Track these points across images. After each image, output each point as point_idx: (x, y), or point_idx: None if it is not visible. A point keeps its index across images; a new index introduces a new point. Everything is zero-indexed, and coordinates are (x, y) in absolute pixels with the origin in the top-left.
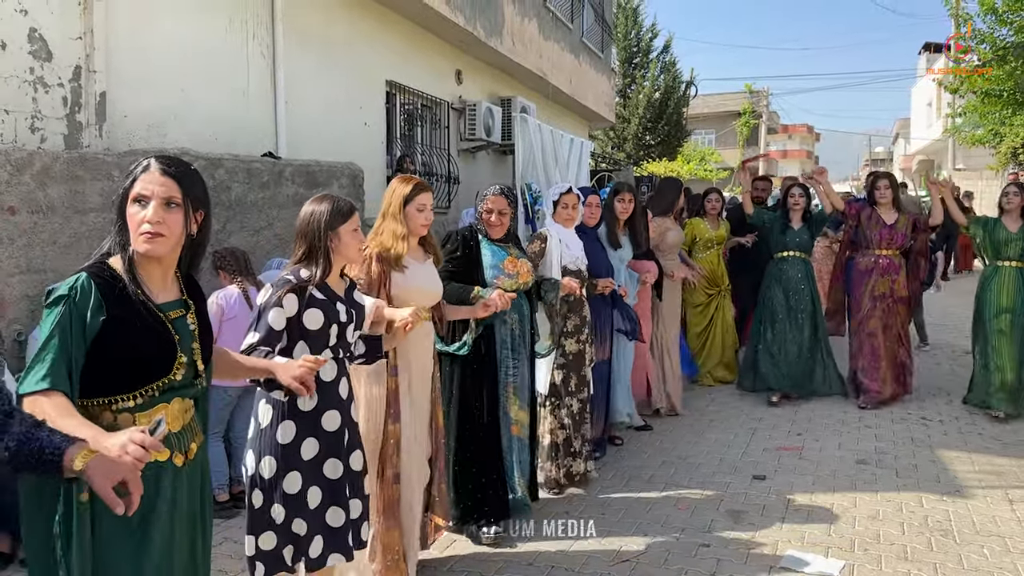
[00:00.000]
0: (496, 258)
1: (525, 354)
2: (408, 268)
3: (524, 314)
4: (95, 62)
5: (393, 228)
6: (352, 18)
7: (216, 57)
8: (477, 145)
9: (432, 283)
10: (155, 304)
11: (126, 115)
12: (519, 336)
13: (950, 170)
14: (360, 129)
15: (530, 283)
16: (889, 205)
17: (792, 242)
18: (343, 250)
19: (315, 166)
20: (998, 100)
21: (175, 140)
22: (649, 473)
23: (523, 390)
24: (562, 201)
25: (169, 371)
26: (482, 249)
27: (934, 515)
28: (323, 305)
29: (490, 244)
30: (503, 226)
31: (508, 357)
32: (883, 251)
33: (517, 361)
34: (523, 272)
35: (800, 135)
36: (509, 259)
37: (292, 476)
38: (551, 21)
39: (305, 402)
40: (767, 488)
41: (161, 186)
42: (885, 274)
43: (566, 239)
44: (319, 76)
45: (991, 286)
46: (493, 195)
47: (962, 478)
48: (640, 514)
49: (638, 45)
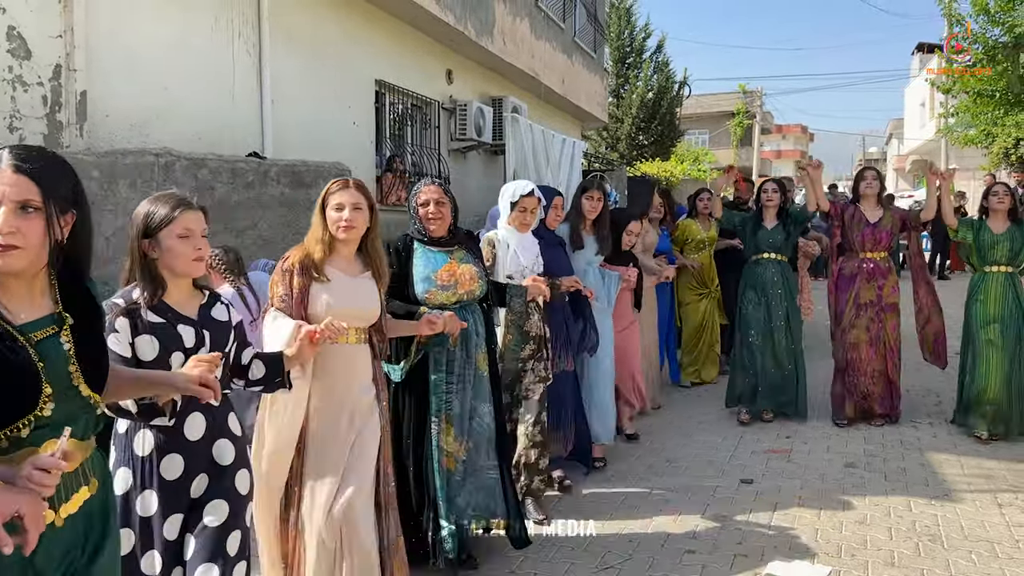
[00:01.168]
0: (430, 267)
1: (471, 378)
2: (332, 281)
3: (473, 330)
4: (75, 60)
5: (314, 232)
6: (340, 17)
7: (200, 56)
8: (468, 145)
9: (364, 301)
10: (13, 325)
11: (108, 114)
12: (463, 357)
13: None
14: (349, 129)
15: (477, 292)
16: (874, 200)
17: (765, 243)
18: (169, 261)
19: (301, 166)
20: (990, 100)
21: (158, 139)
22: (636, 476)
23: (463, 419)
24: (520, 204)
25: (34, 406)
26: (414, 259)
27: (922, 520)
28: (158, 330)
29: (426, 250)
30: (443, 220)
31: (443, 381)
32: (867, 253)
33: (458, 386)
34: (464, 281)
35: (794, 135)
36: (447, 266)
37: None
38: (543, 20)
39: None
40: (754, 492)
41: (13, 187)
42: (871, 279)
43: (519, 245)
44: (306, 75)
45: (978, 295)
46: (426, 185)
47: (951, 482)
48: (625, 518)
49: (631, 45)
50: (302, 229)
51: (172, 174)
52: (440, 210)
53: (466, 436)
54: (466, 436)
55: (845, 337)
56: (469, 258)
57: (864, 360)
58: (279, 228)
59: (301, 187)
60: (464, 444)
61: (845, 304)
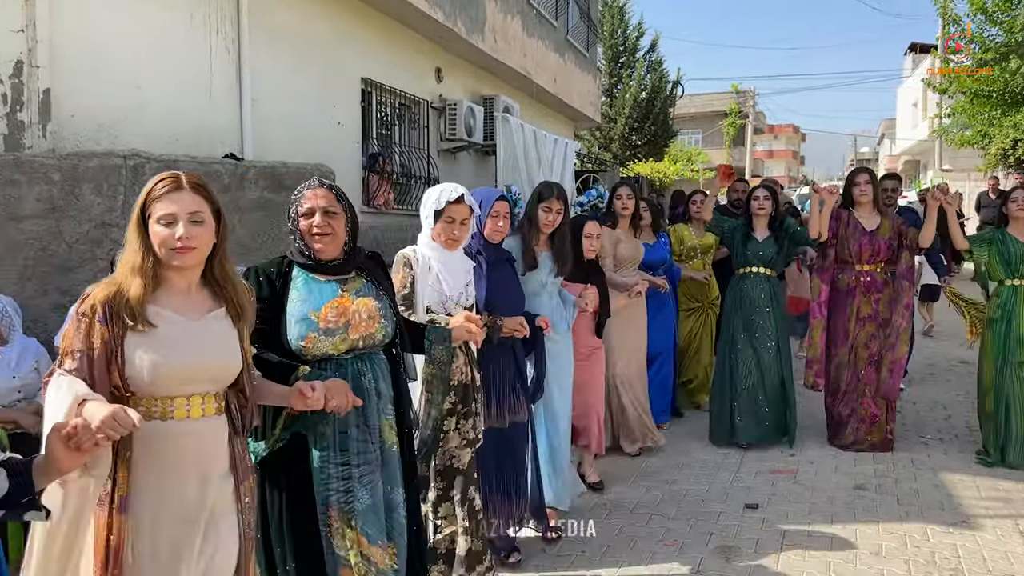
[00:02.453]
0: (311, 302)
1: (375, 456)
2: (159, 327)
3: (373, 389)
4: (38, 56)
5: (129, 257)
6: (325, 13)
7: (175, 53)
8: (458, 145)
9: (214, 352)
10: None
11: (73, 114)
12: (362, 428)
13: (936, 171)
14: (334, 129)
15: (379, 337)
16: (870, 207)
17: (754, 256)
18: None
19: (282, 168)
20: (987, 101)
21: (129, 141)
22: (633, 502)
23: (377, 515)
24: (447, 213)
25: None
26: (291, 290)
27: (941, 550)
28: None
29: (309, 279)
30: (334, 236)
31: (336, 465)
32: (864, 265)
33: (361, 469)
34: (359, 322)
35: (786, 135)
36: (335, 301)
37: None
38: (535, 18)
39: None
40: (760, 519)
41: None
42: (868, 293)
43: (444, 267)
44: (289, 73)
45: (1012, 312)
46: (311, 189)
47: (968, 506)
48: (623, 551)
49: (624, 44)
50: (282, 234)
51: (141, 177)
52: (329, 223)
53: (387, 539)
54: (387, 539)
55: (850, 356)
56: (369, 290)
57: (862, 380)
58: (257, 234)
59: (282, 190)
60: (387, 550)
61: (846, 320)
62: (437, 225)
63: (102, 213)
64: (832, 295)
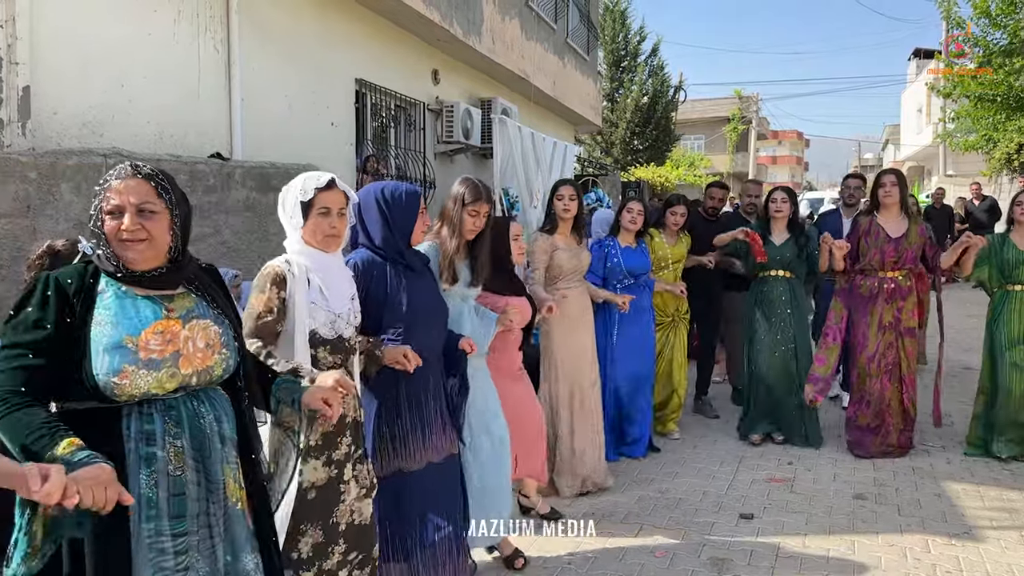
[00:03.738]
0: (128, 324)
1: (218, 518)
2: None
3: (216, 434)
4: (17, 53)
5: None
6: (317, 12)
7: (162, 51)
8: (455, 148)
9: None
10: None
11: (55, 112)
12: (204, 482)
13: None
14: (327, 130)
15: (218, 373)
16: (896, 210)
17: (773, 259)
18: None
19: (270, 168)
20: (991, 105)
21: (113, 140)
22: (623, 511)
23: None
24: (319, 203)
25: None
26: (97, 308)
27: (943, 563)
28: None
29: (121, 293)
30: (152, 243)
31: (162, 533)
32: (888, 272)
33: (198, 537)
34: (191, 353)
35: (790, 141)
36: (161, 324)
37: None
38: (534, 20)
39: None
40: (755, 529)
41: None
42: (891, 300)
43: (325, 276)
44: (280, 73)
45: (1002, 316)
46: (120, 180)
47: (971, 516)
48: (611, 563)
49: (626, 48)
50: (270, 235)
51: None
52: (143, 225)
53: None
54: None
55: (870, 365)
56: (205, 311)
57: (883, 389)
58: (244, 234)
59: (270, 190)
60: None
61: (867, 328)
62: (308, 222)
63: (80, 212)
64: (856, 302)
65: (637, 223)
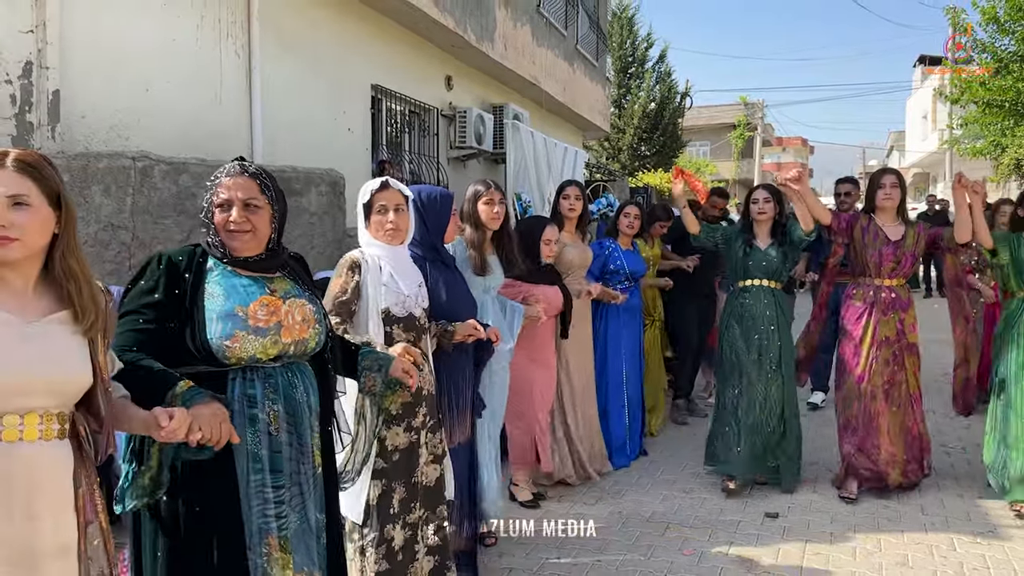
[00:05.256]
0: (236, 298)
1: (309, 477)
2: None
3: (305, 403)
4: (48, 58)
5: None
6: (335, 19)
7: (186, 56)
8: (468, 153)
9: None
10: None
11: (84, 115)
12: (295, 446)
13: (946, 183)
14: (343, 135)
15: (312, 346)
16: (893, 213)
17: (757, 267)
18: None
19: (291, 172)
20: (1000, 111)
21: (139, 143)
22: (649, 511)
23: (306, 539)
24: (376, 203)
25: None
26: (207, 284)
27: (969, 561)
28: None
29: (229, 273)
30: (255, 234)
31: (266, 484)
32: (885, 280)
33: (292, 491)
34: (291, 325)
35: (795, 147)
36: (266, 298)
37: None
38: (544, 27)
39: None
40: (781, 528)
41: None
42: (889, 311)
43: (395, 265)
44: (299, 79)
45: (1016, 326)
46: (229, 178)
47: (995, 516)
48: (640, 561)
49: (633, 55)
50: (291, 239)
51: (150, 179)
52: (249, 218)
53: (316, 567)
54: (316, 567)
55: (857, 385)
56: (300, 292)
57: (882, 414)
58: None
59: (291, 194)
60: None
61: (860, 342)
62: (371, 222)
63: (110, 215)
64: (846, 313)
65: (635, 227)
